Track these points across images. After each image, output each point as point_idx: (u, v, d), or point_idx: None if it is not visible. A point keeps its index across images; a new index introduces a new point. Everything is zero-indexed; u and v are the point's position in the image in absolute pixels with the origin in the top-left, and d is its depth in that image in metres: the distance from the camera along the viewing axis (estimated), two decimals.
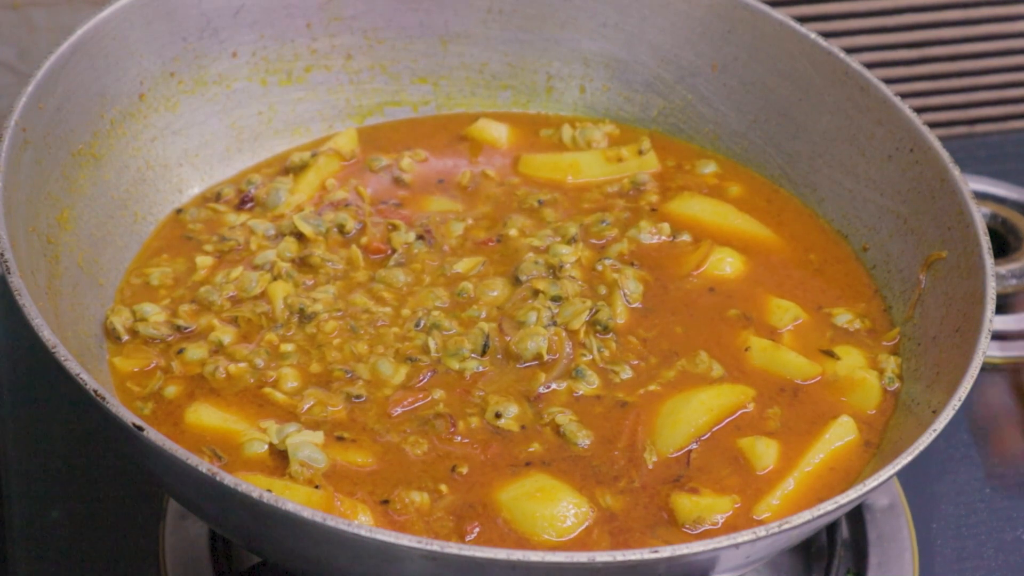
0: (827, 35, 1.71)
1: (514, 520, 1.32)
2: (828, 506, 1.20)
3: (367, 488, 1.34)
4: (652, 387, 1.47)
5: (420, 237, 1.64)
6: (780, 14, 1.73)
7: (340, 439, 1.39)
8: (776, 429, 1.44)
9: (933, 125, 1.62)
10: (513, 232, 1.65)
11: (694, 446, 1.41)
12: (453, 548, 1.11)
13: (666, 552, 1.13)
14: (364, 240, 1.63)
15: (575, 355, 1.49)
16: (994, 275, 1.43)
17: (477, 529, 1.31)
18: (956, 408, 1.30)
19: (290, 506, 1.11)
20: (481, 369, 1.47)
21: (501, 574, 1.14)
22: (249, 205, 1.70)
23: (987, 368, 1.85)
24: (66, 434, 1.73)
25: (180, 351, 1.48)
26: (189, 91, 1.72)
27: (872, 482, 1.23)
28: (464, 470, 1.37)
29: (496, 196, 1.73)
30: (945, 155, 1.56)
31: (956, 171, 1.54)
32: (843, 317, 1.58)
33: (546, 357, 1.48)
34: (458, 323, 1.51)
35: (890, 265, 1.62)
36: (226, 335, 1.50)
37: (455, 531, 1.31)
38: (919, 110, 1.63)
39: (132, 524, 1.62)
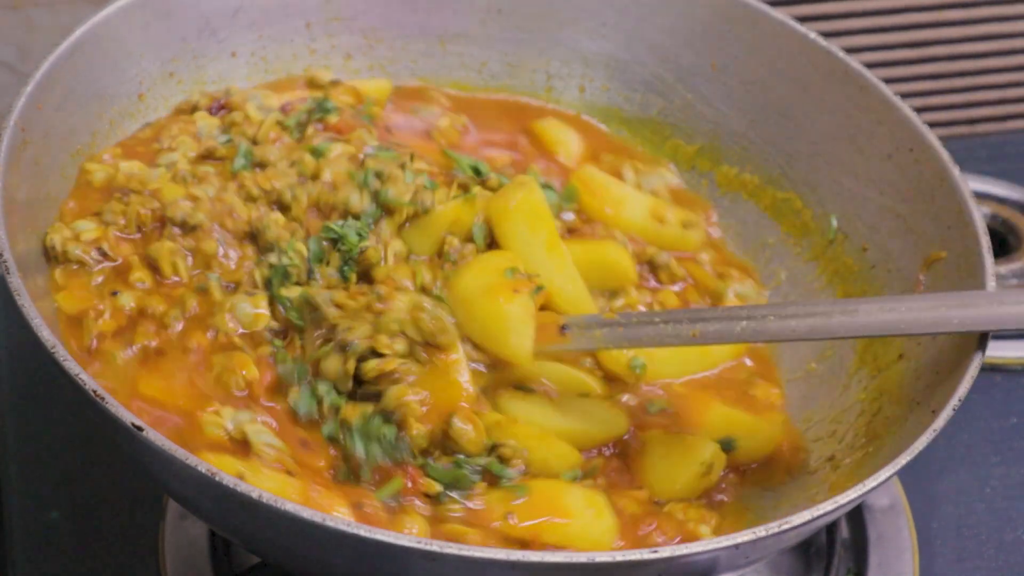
0: (827, 35, 1.71)
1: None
2: (828, 506, 1.20)
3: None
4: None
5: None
6: (780, 14, 1.73)
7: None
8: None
9: (933, 125, 1.62)
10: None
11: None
12: (453, 548, 1.11)
13: (666, 552, 1.13)
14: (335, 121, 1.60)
15: None
16: (994, 275, 1.43)
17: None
18: (956, 408, 1.30)
19: (289, 506, 1.11)
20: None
21: (501, 574, 1.14)
22: (222, 113, 1.66)
23: (987, 368, 1.85)
24: (66, 434, 1.72)
25: (114, 293, 1.42)
26: (188, 91, 1.72)
27: (872, 482, 1.22)
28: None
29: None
30: (945, 155, 1.56)
31: (956, 171, 1.54)
32: None
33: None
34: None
35: (890, 265, 1.62)
36: (145, 281, 1.44)
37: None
38: (919, 110, 1.63)
39: (132, 524, 1.62)
